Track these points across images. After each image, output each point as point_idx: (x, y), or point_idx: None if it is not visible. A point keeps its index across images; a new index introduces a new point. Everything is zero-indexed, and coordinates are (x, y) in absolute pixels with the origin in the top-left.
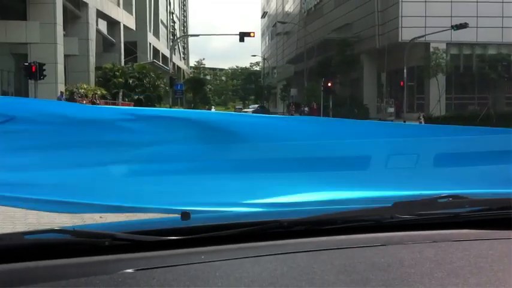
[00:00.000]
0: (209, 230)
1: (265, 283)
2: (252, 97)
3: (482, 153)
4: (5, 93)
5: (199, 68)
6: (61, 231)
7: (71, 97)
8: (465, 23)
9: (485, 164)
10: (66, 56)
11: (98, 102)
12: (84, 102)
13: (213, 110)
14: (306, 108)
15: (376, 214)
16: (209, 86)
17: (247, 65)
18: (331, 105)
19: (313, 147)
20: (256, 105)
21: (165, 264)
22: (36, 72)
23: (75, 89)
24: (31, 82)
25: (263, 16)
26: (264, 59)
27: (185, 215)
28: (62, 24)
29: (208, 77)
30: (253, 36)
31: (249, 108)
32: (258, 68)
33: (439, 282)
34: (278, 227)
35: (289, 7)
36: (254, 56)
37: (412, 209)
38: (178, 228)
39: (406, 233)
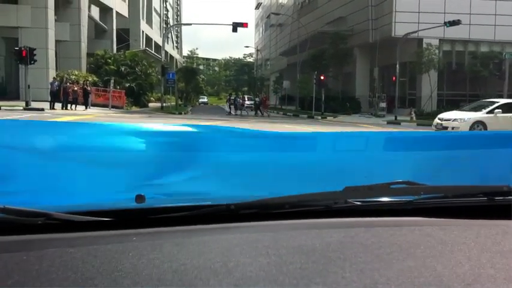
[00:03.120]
0: (159, 212)
1: (175, 263)
2: (245, 88)
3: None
4: None
5: (192, 57)
6: None
7: (61, 83)
8: (458, 20)
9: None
10: (57, 42)
11: (89, 89)
12: (76, 88)
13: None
14: (257, 99)
15: (327, 199)
16: (202, 76)
17: (241, 56)
18: (323, 98)
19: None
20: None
21: (75, 244)
22: (27, 57)
23: (66, 75)
24: (21, 67)
25: (257, 7)
26: (257, 50)
27: (140, 197)
28: (53, 9)
29: (201, 67)
30: (246, 26)
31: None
32: (251, 59)
33: (359, 266)
34: (225, 210)
35: None
36: (247, 47)
37: (363, 194)
38: (129, 209)
39: (355, 219)
